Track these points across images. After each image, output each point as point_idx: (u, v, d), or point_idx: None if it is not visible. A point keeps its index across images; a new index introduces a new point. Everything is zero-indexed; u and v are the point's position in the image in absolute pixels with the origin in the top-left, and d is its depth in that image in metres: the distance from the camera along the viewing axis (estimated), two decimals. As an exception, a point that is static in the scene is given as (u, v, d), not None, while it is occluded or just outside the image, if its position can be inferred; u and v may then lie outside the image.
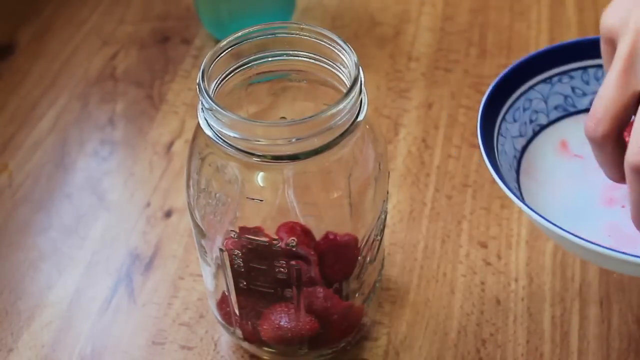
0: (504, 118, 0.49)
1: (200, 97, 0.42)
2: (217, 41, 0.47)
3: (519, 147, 0.50)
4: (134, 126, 0.68)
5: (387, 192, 0.49)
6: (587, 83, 0.52)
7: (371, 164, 0.46)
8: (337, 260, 0.47)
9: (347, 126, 0.42)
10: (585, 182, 0.49)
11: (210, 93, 0.42)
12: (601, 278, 0.56)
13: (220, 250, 0.46)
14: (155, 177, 0.64)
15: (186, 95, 0.70)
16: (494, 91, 0.48)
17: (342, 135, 0.42)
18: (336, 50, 0.44)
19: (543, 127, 0.51)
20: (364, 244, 0.47)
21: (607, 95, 0.41)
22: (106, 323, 0.55)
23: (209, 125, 0.42)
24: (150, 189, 0.63)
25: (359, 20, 0.76)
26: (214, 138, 0.42)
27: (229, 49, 0.44)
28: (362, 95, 0.43)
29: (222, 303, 0.51)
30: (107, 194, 0.63)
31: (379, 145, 0.46)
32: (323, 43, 0.44)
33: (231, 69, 0.44)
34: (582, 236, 0.44)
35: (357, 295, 0.50)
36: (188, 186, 0.46)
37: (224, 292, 0.50)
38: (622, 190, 0.48)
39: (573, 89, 0.52)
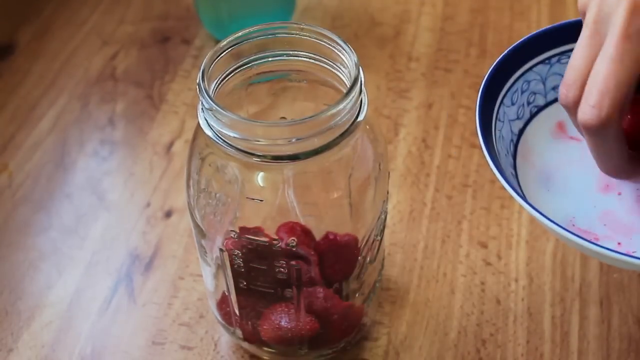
0: (502, 102, 0.48)
1: (200, 97, 0.42)
2: (217, 41, 0.47)
3: (516, 130, 0.49)
4: (134, 126, 0.68)
5: (387, 192, 0.49)
6: None
7: (371, 164, 0.46)
8: (337, 260, 0.47)
9: (347, 126, 0.42)
10: (582, 167, 0.49)
11: (210, 93, 0.42)
12: (601, 278, 0.56)
13: (220, 250, 0.46)
14: (155, 177, 0.64)
15: (186, 95, 0.70)
16: (493, 74, 0.48)
17: (342, 136, 0.42)
18: (336, 50, 0.44)
19: (540, 109, 0.50)
20: (364, 244, 0.47)
21: (575, 63, 0.42)
22: (106, 323, 0.55)
23: (209, 125, 0.42)
24: (150, 189, 0.63)
25: (359, 20, 0.76)
26: (214, 138, 0.42)
27: (229, 49, 0.44)
28: (362, 95, 0.43)
29: (222, 303, 0.51)
30: (107, 194, 0.63)
31: (379, 145, 0.46)
32: (323, 43, 0.44)
33: (231, 69, 0.44)
34: (578, 224, 0.43)
35: (357, 295, 0.50)
36: (188, 186, 0.46)
37: (224, 292, 0.50)
38: None
39: None
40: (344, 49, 0.43)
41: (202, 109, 0.42)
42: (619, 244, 0.45)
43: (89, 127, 0.68)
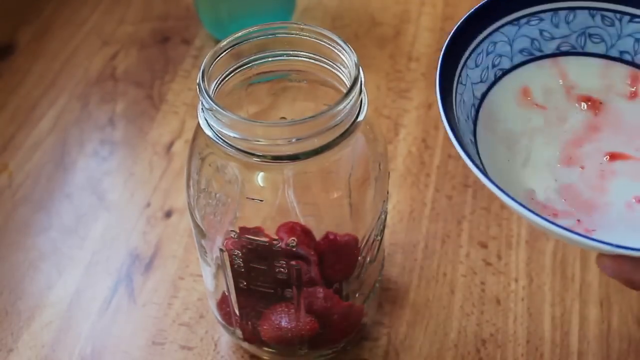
0: (465, 64, 0.45)
1: (200, 97, 0.42)
2: (217, 41, 0.47)
3: (478, 94, 0.46)
4: (134, 126, 0.68)
5: (387, 192, 0.49)
6: (556, 26, 0.48)
7: (371, 164, 0.46)
8: (337, 261, 0.47)
9: (347, 126, 0.42)
10: (545, 137, 0.47)
11: (210, 93, 0.42)
12: (601, 278, 0.56)
13: (221, 250, 0.46)
14: (155, 177, 0.64)
15: (186, 95, 0.70)
16: (456, 34, 0.45)
17: (342, 136, 0.42)
18: (336, 51, 0.44)
19: (506, 72, 0.47)
20: (364, 244, 0.47)
21: None
22: (106, 323, 0.55)
23: (209, 125, 0.42)
24: (150, 189, 0.63)
25: (359, 20, 0.76)
26: (214, 138, 0.42)
27: (229, 49, 0.44)
28: (362, 95, 0.43)
29: (222, 303, 0.51)
30: (107, 194, 0.63)
31: (379, 145, 0.46)
32: (323, 43, 0.44)
33: (231, 69, 0.44)
34: (538, 198, 0.42)
35: (357, 295, 0.50)
36: (188, 186, 0.46)
37: (224, 292, 0.50)
38: (582, 149, 0.46)
39: (541, 31, 0.48)
40: (344, 49, 0.43)
41: (202, 109, 0.42)
42: (578, 221, 0.43)
43: (89, 127, 0.68)
